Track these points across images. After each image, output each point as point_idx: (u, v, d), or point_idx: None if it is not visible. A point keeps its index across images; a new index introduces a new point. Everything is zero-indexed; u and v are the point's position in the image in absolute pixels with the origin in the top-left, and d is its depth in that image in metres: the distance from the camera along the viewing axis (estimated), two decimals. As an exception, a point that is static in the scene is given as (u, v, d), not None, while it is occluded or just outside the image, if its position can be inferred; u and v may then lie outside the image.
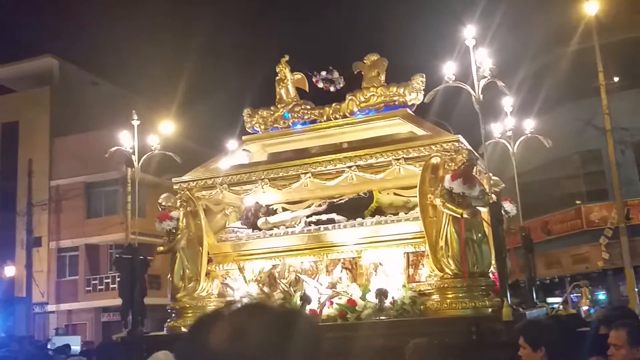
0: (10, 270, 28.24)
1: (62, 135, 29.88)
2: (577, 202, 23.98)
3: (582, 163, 24.78)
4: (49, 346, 19.39)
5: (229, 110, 10.28)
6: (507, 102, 10.91)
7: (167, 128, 19.84)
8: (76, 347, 19.92)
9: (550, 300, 20.32)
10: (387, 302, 8.36)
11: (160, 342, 8.23)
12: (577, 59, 22.17)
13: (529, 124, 11.35)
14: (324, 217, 9.17)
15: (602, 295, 22.84)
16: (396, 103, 9.42)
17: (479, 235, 8.26)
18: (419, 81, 9.43)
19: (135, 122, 10.07)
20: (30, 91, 31.19)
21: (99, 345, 10.04)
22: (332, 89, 9.61)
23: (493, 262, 8.29)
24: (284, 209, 9.88)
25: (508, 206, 9.66)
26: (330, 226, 9.08)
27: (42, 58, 31.29)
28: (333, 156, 8.92)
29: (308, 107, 9.75)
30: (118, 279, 10.45)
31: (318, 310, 8.40)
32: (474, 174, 8.39)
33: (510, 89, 23.14)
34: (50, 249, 30.41)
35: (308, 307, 8.42)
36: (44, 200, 29.90)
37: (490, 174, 9.73)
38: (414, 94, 9.40)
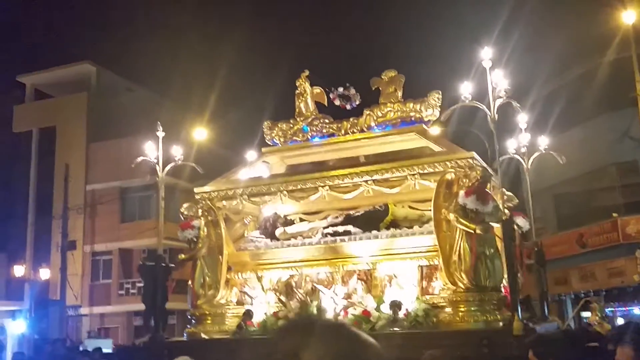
0: (45, 273, 28.81)
1: (98, 141, 30.50)
2: (614, 214, 23.68)
3: (618, 175, 24.42)
4: (80, 349, 19.81)
5: (260, 118, 10.53)
6: (522, 119, 10.99)
7: (200, 134, 20.31)
8: (107, 351, 20.34)
9: (585, 315, 20.11)
10: (401, 314, 8.54)
11: (180, 348, 8.58)
12: (613, 70, 21.97)
13: (544, 141, 11.39)
14: (340, 228, 9.38)
15: (636, 310, 22.44)
16: (412, 119, 9.62)
17: (492, 250, 8.39)
18: (435, 98, 9.61)
19: (160, 134, 10.42)
20: (67, 97, 31.85)
21: (120, 349, 10.38)
22: (348, 107, 9.85)
23: (505, 276, 8.41)
24: (302, 220, 10.12)
25: (521, 221, 9.75)
26: (346, 238, 9.29)
27: (80, 64, 31.94)
28: (350, 170, 9.15)
29: (327, 120, 10.00)
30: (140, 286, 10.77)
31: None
32: (487, 190, 8.54)
33: (544, 101, 23.09)
34: (85, 252, 30.95)
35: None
36: (79, 204, 30.54)
37: (504, 190, 9.85)
38: (430, 110, 9.58)
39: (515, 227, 9.83)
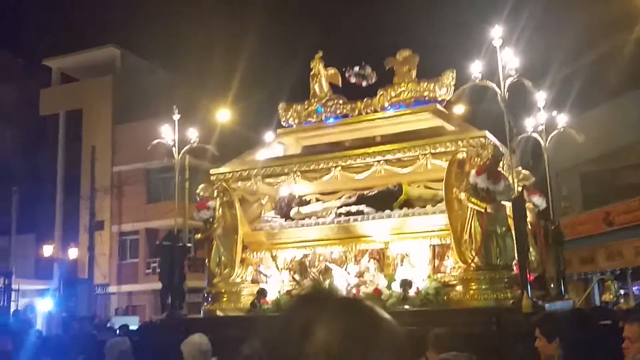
0: (73, 253, 29.46)
1: (124, 123, 30.93)
2: (641, 192, 23.45)
3: (645, 152, 24.15)
4: (108, 326, 20.23)
5: (283, 99, 10.59)
6: (540, 97, 10.93)
7: (223, 116, 20.47)
8: (134, 328, 20.76)
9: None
10: (412, 292, 8.64)
11: (197, 325, 8.78)
12: (639, 47, 21.63)
13: (562, 119, 11.30)
14: (353, 208, 9.48)
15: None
16: (426, 98, 9.63)
17: (503, 229, 8.43)
18: (449, 77, 9.60)
19: (176, 116, 10.60)
20: (93, 80, 32.33)
21: (140, 327, 10.68)
22: (364, 84, 9.88)
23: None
24: (318, 200, 10.24)
25: (537, 200, 9.75)
26: (359, 217, 9.39)
27: (105, 48, 32.37)
28: (362, 150, 9.22)
29: (341, 101, 10.06)
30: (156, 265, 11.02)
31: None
32: (499, 169, 8.55)
33: (569, 79, 22.76)
34: (112, 232, 31.58)
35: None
36: (106, 185, 31.08)
37: (520, 168, 9.85)
38: (444, 89, 9.59)
39: (532, 205, 9.86)
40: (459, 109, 16.97)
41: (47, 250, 29.79)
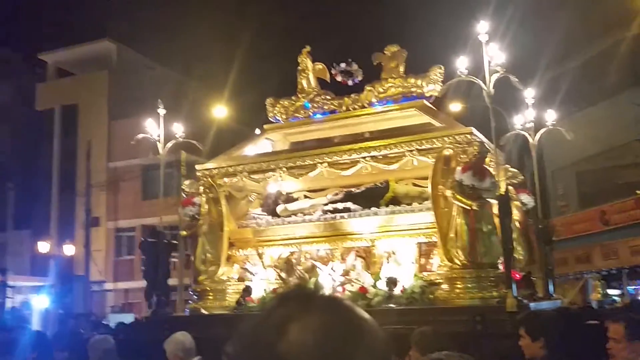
0: (69, 249, 29.37)
1: (120, 119, 30.83)
2: (637, 192, 23.35)
3: (642, 151, 24.06)
4: (103, 323, 20.18)
5: (279, 95, 10.48)
6: (529, 94, 10.84)
7: (219, 112, 20.39)
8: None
9: (610, 292, 20.02)
10: (397, 291, 8.58)
11: (181, 323, 8.73)
12: (637, 45, 21.53)
13: (551, 116, 11.20)
14: (340, 205, 9.41)
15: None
16: (414, 94, 9.56)
17: (489, 227, 8.36)
18: (437, 73, 9.53)
19: (162, 111, 10.55)
20: (89, 74, 32.20)
21: (125, 325, 10.63)
22: (350, 82, 9.82)
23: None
24: (305, 197, 10.17)
25: (525, 198, 9.68)
26: (345, 215, 9.32)
27: (100, 42, 32.22)
28: (348, 146, 9.15)
29: (328, 97, 9.99)
30: (142, 262, 10.97)
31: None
32: (485, 166, 8.48)
33: (566, 76, 22.65)
34: (108, 229, 31.48)
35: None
36: (102, 181, 31.00)
37: (508, 166, 9.78)
38: (431, 85, 9.52)
39: (520, 204, 9.79)
40: (456, 106, 16.91)
41: (43, 246, 29.69)
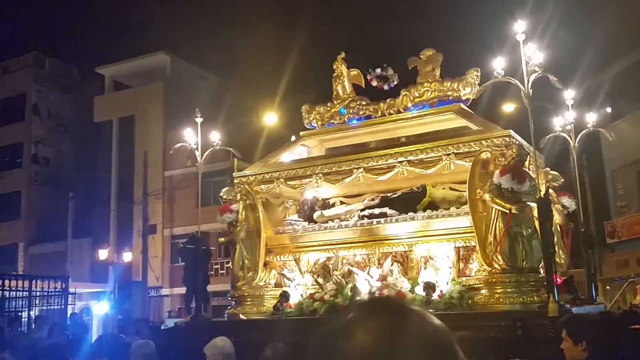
0: (127, 256, 30.13)
1: (175, 128, 31.47)
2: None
3: None
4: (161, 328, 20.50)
5: (325, 102, 10.51)
6: (568, 95, 10.55)
7: (269, 119, 20.58)
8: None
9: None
10: (435, 296, 8.46)
11: (220, 328, 8.84)
12: None
13: (592, 118, 10.87)
14: (376, 211, 9.36)
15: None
16: (450, 98, 9.44)
17: (529, 230, 8.18)
18: (473, 76, 9.38)
19: (199, 120, 10.71)
20: (144, 87, 33.05)
21: (164, 330, 10.83)
22: (385, 87, 9.76)
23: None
24: (342, 203, 10.15)
25: (567, 201, 9.42)
26: (382, 220, 9.26)
27: (155, 55, 33.06)
28: (384, 151, 9.09)
29: (363, 102, 9.96)
30: (182, 268, 11.14)
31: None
32: (524, 169, 8.31)
33: (623, 73, 21.88)
34: (164, 236, 32.15)
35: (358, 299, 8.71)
36: (158, 190, 31.70)
37: (549, 169, 9.55)
38: (468, 88, 9.37)
39: (561, 207, 9.53)
40: (509, 107, 16.58)
41: (102, 254, 30.56)
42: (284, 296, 9.12)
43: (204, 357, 5.81)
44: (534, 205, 8.23)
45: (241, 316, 9.36)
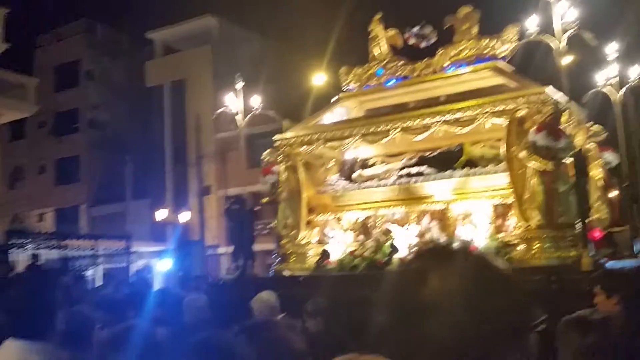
0: (185, 217, 31.00)
1: (224, 91, 31.79)
2: None
3: None
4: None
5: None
6: (612, 48, 10.34)
7: (318, 80, 20.70)
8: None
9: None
10: (472, 252, 8.64)
11: (265, 283, 9.25)
12: None
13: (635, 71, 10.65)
14: (414, 169, 9.53)
15: None
16: (487, 56, 9.43)
17: (566, 186, 8.24)
18: (511, 32, 9.34)
19: (239, 85, 10.99)
20: (193, 50, 33.38)
21: (213, 285, 11.34)
22: (423, 44, 9.78)
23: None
24: (382, 162, 10.34)
25: (609, 156, 9.36)
26: (420, 178, 9.43)
27: (202, 18, 33.22)
28: (421, 111, 9.21)
29: (400, 63, 10.04)
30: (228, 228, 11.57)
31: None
32: (559, 126, 8.31)
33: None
34: (219, 196, 32.81)
35: (396, 255, 8.98)
36: (211, 152, 32.28)
37: (590, 124, 9.48)
38: (505, 45, 9.35)
39: (603, 162, 9.48)
40: (567, 59, 16.19)
41: (160, 214, 31.52)
42: (325, 254, 9.45)
43: (251, 310, 6.14)
44: (570, 161, 8.27)
45: (286, 272, 9.75)
